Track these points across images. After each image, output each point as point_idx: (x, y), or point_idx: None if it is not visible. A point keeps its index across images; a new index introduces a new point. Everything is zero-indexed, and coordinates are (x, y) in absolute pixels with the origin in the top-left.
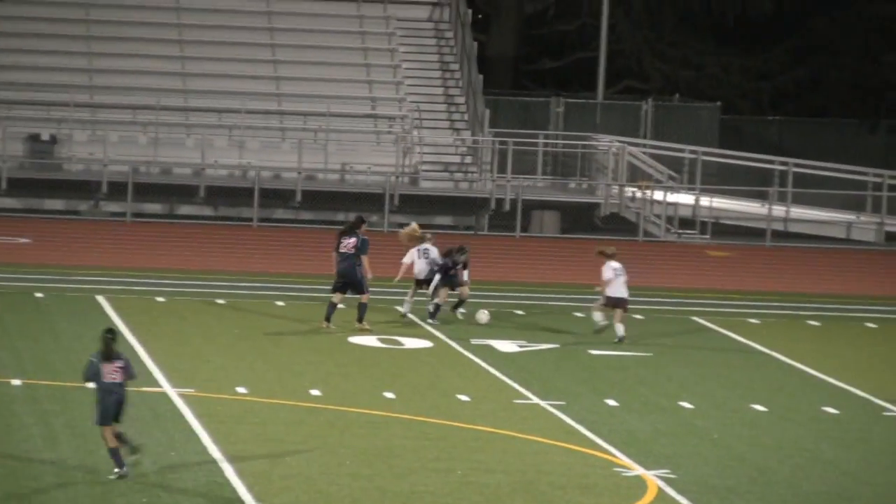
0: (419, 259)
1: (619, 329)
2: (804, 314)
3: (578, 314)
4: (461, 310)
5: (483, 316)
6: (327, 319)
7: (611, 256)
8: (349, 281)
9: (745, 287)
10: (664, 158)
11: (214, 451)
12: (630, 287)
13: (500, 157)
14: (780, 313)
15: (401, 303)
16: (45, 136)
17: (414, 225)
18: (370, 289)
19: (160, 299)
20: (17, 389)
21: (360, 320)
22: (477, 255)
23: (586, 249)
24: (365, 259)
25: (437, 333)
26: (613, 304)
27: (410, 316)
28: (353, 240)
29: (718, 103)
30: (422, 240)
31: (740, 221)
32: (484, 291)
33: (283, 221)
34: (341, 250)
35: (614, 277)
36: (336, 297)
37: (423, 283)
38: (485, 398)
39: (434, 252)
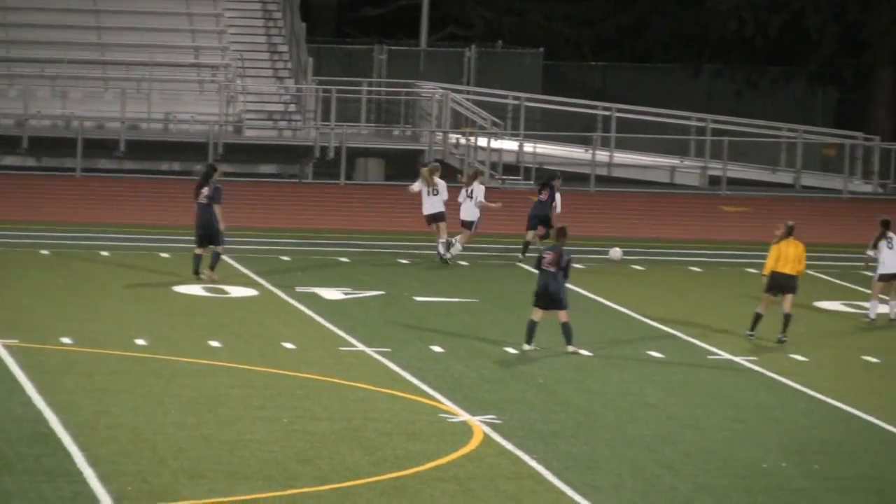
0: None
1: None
2: (628, 259)
3: (403, 261)
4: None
5: (616, 253)
6: (196, 273)
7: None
8: (207, 232)
9: (569, 233)
10: (488, 105)
11: (39, 402)
12: (451, 233)
13: (323, 105)
14: (604, 258)
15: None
16: None
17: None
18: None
19: None
20: None
21: (211, 268)
22: (302, 204)
23: (410, 196)
24: (217, 208)
25: (263, 282)
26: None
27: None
28: (206, 189)
29: (541, 49)
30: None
31: (564, 167)
32: (309, 239)
33: (106, 171)
34: (200, 201)
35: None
36: (199, 249)
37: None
38: (310, 346)
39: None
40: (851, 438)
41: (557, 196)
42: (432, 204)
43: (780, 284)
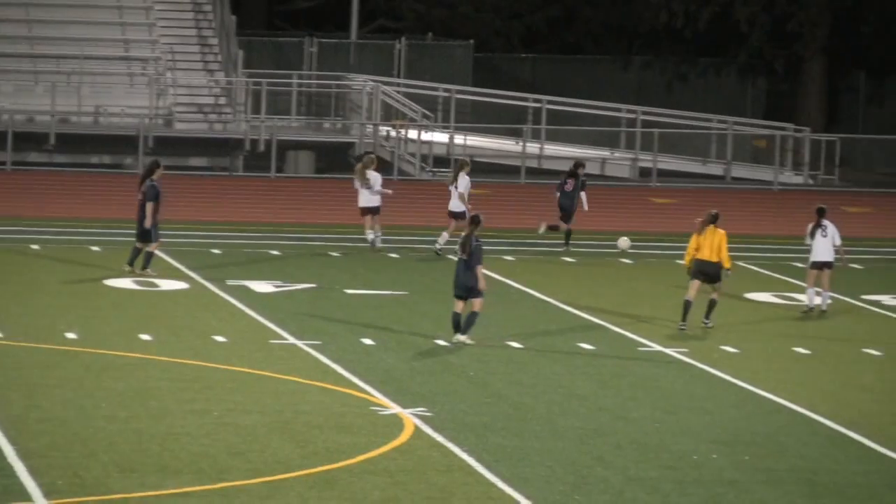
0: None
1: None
2: (558, 251)
3: (334, 254)
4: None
5: (624, 243)
6: (129, 264)
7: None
8: (141, 229)
9: (499, 224)
10: (418, 97)
11: None
12: (384, 226)
13: (254, 97)
14: (535, 250)
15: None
16: None
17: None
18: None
19: None
20: None
21: (143, 267)
22: (233, 197)
23: (341, 189)
24: (149, 206)
25: (193, 275)
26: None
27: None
28: (144, 185)
29: (471, 42)
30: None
31: (495, 159)
32: (240, 232)
33: (37, 165)
34: (139, 196)
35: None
36: (138, 243)
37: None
38: (241, 339)
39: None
40: (782, 430)
41: (569, 183)
42: (365, 197)
43: (704, 271)
